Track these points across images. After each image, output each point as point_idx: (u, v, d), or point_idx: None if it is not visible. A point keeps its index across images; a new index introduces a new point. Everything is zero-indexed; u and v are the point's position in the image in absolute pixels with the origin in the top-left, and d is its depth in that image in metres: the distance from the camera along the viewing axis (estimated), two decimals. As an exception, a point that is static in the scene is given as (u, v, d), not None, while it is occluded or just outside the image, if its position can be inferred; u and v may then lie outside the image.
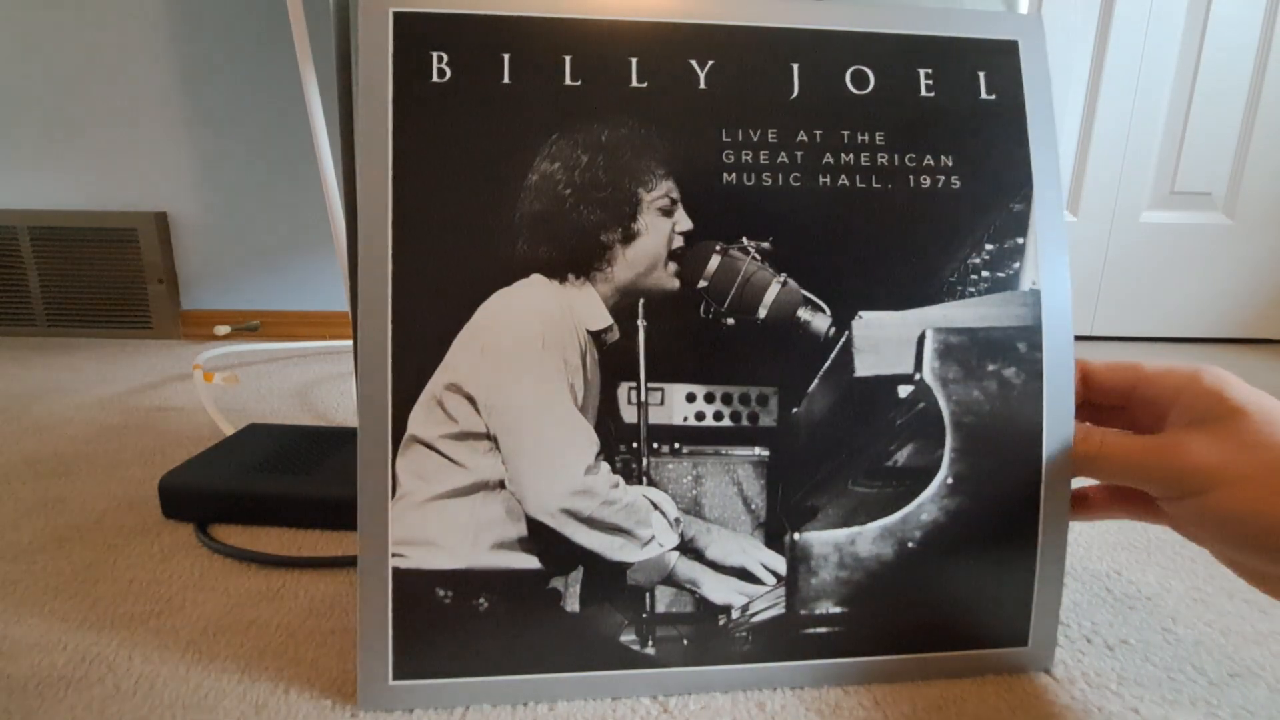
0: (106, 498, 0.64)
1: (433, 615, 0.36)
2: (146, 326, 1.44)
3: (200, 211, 1.43)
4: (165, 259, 1.42)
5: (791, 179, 0.37)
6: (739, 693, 0.38)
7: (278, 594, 0.48)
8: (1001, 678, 0.39)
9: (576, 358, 0.36)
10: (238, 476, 0.60)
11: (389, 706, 0.36)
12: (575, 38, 0.36)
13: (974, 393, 0.37)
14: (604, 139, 0.36)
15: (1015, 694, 0.37)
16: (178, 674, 0.39)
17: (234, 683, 0.39)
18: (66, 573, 0.51)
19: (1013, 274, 0.37)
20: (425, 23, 0.36)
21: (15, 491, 0.66)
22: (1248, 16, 1.29)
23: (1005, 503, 0.38)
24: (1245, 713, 0.37)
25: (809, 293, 0.37)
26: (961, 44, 0.38)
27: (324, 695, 0.38)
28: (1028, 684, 0.38)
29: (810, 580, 0.37)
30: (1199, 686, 0.39)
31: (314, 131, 0.95)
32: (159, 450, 0.78)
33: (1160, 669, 0.40)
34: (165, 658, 0.41)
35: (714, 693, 0.37)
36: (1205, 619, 0.45)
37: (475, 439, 0.36)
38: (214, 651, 0.41)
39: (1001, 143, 0.38)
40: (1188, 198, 1.37)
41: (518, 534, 0.36)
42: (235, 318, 1.46)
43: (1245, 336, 1.43)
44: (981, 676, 0.39)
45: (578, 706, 0.37)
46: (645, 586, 0.37)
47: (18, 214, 1.40)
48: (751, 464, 0.37)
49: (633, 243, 0.36)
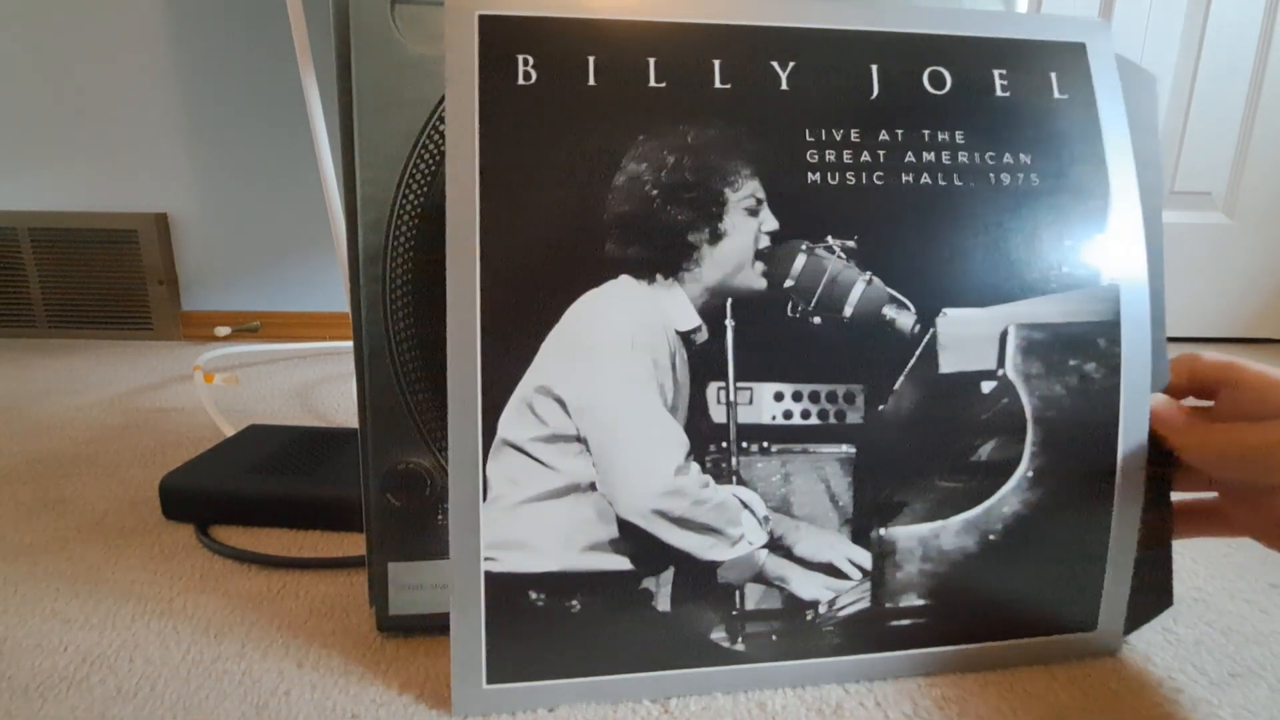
0: (107, 499, 0.64)
1: (525, 618, 0.36)
2: (147, 327, 1.43)
3: (200, 212, 1.42)
4: (165, 260, 1.41)
5: (875, 178, 0.37)
6: (739, 693, 0.38)
7: (278, 595, 0.48)
8: (1003, 677, 0.39)
9: (666, 358, 0.36)
10: (238, 477, 0.60)
11: (484, 711, 0.36)
12: (658, 41, 0.36)
13: (1055, 388, 0.38)
14: (690, 140, 0.36)
15: (1016, 694, 0.38)
16: (179, 675, 0.39)
17: (235, 684, 0.39)
18: (67, 574, 0.51)
19: (1092, 270, 0.38)
20: (510, 25, 0.36)
21: (16, 493, 0.65)
22: (1247, 17, 1.31)
23: (1082, 495, 0.38)
24: (1246, 713, 0.37)
25: (894, 290, 0.37)
26: (1032, 46, 0.39)
27: (325, 696, 0.38)
28: (1029, 684, 0.39)
29: (895, 574, 0.38)
30: (1200, 686, 0.39)
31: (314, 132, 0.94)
32: (159, 451, 0.77)
33: (1161, 669, 0.41)
34: (166, 659, 0.41)
35: (716, 693, 0.38)
36: (1206, 619, 0.46)
37: (566, 441, 0.36)
38: (215, 653, 0.41)
39: (1076, 141, 0.38)
40: (1188, 198, 1.39)
41: (609, 535, 0.36)
42: (235, 319, 1.44)
43: (1245, 336, 1.45)
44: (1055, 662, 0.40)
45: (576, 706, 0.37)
46: (735, 584, 0.37)
47: (18, 215, 1.38)
48: (839, 461, 0.37)
49: (720, 243, 0.36)
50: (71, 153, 1.38)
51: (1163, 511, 0.40)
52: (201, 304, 1.46)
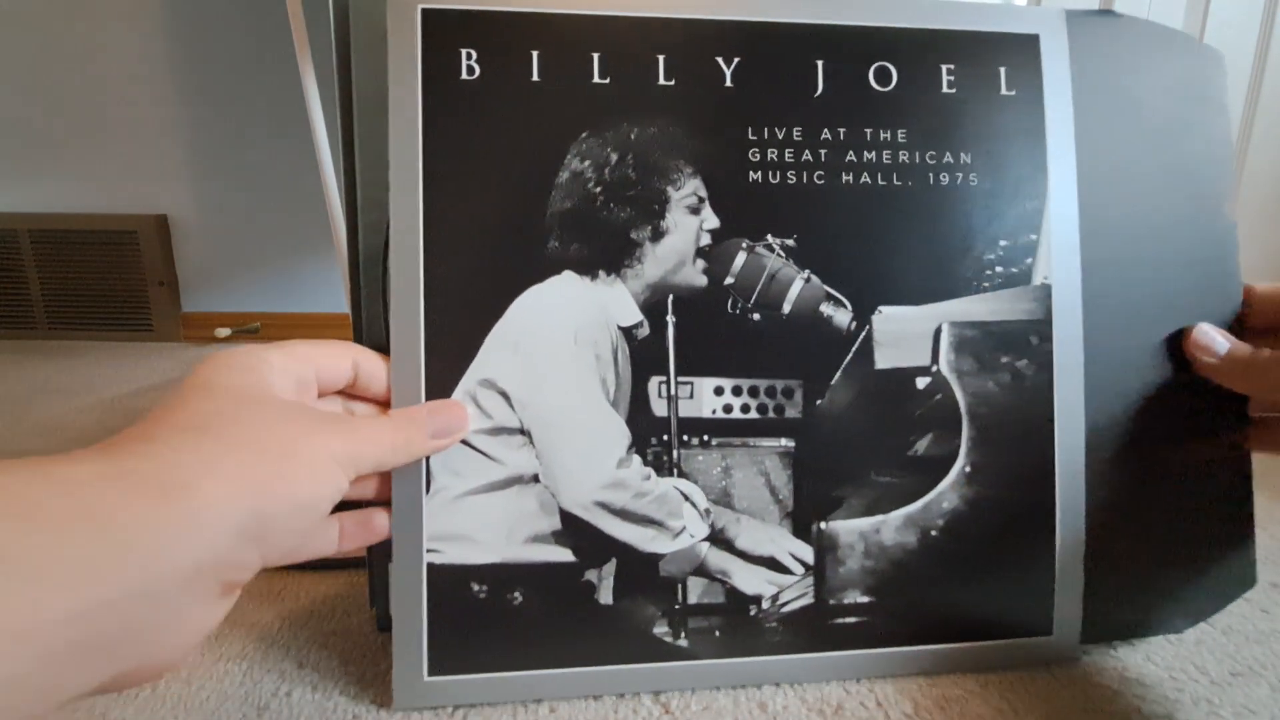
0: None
1: (467, 610, 0.36)
2: (147, 329, 1.44)
3: (200, 214, 1.43)
4: (165, 262, 1.43)
5: (815, 177, 0.38)
6: (740, 692, 0.38)
7: (279, 595, 0.48)
8: (1003, 677, 0.39)
9: (608, 353, 0.37)
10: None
11: (424, 703, 0.36)
12: (603, 35, 0.37)
13: (988, 384, 0.38)
14: (633, 137, 0.37)
15: (1017, 694, 0.38)
16: (179, 676, 0.40)
17: (236, 685, 0.39)
18: (67, 575, 0.51)
19: (1025, 269, 0.38)
20: (453, 19, 0.36)
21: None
22: (1246, 17, 1.30)
23: (1022, 491, 0.39)
24: (1247, 712, 0.37)
25: (831, 288, 0.37)
26: (984, 38, 0.39)
27: (326, 697, 0.38)
28: (1029, 683, 0.39)
29: (838, 569, 0.38)
30: (1201, 686, 0.39)
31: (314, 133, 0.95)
32: (163, 452, 0.77)
33: (1162, 668, 0.40)
34: None
35: (715, 691, 0.38)
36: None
37: (509, 434, 0.36)
38: (216, 653, 0.42)
39: (1019, 139, 0.39)
40: (1185, 196, 1.38)
41: (551, 527, 0.37)
42: (236, 320, 1.46)
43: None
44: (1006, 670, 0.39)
45: (578, 706, 0.37)
46: (678, 577, 0.37)
47: (18, 217, 1.40)
48: (778, 455, 0.38)
49: (661, 240, 0.37)
50: (71, 155, 1.40)
51: (1241, 491, 0.41)
52: (202, 305, 1.48)
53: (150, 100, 1.37)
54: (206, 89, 1.37)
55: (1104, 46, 0.40)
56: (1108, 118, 0.40)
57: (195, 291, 1.47)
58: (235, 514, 0.26)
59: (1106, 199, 0.40)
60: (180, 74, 1.37)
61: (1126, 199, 0.40)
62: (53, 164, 1.40)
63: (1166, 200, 0.40)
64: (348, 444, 0.31)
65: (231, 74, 1.37)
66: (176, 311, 1.45)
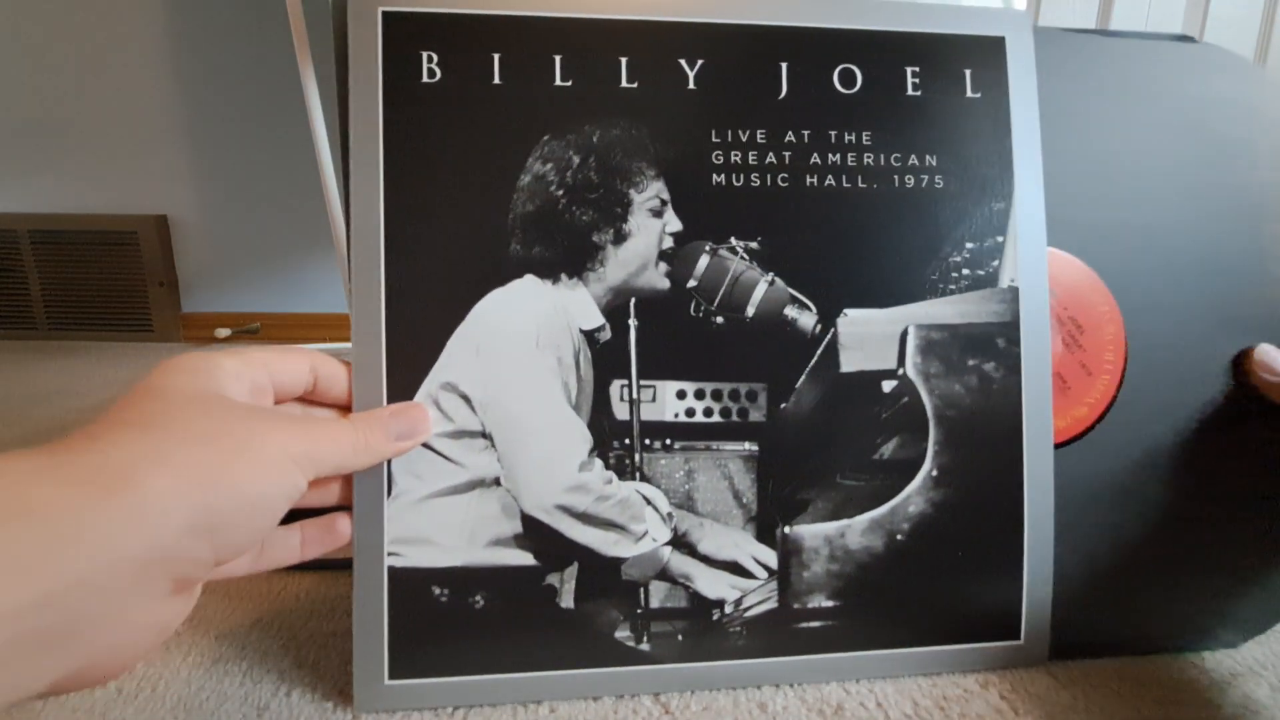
0: (108, 499, 0.64)
1: (429, 614, 0.36)
2: (147, 329, 1.45)
3: (200, 214, 1.44)
4: (165, 262, 1.43)
5: (780, 180, 0.37)
6: (740, 693, 0.38)
7: (279, 596, 0.48)
8: (1004, 678, 0.39)
9: (570, 356, 0.37)
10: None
11: (385, 707, 0.36)
12: (565, 37, 0.37)
13: (955, 387, 0.38)
14: (595, 140, 0.37)
15: (1018, 694, 0.38)
16: (179, 677, 0.40)
17: (236, 685, 0.39)
18: (68, 574, 0.51)
19: (992, 271, 0.38)
20: (415, 23, 0.36)
21: (17, 494, 0.66)
22: (1246, 17, 1.29)
23: (990, 495, 0.38)
24: (1248, 712, 0.37)
25: (796, 291, 0.37)
26: (949, 40, 0.39)
27: (326, 698, 0.38)
28: (1030, 684, 0.39)
29: (802, 574, 0.38)
30: (1201, 686, 0.39)
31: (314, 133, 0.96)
32: (160, 452, 0.78)
33: (1163, 669, 0.40)
34: (167, 660, 0.41)
35: (715, 692, 0.38)
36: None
37: (471, 437, 0.36)
38: (216, 654, 0.42)
39: (985, 141, 0.38)
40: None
41: (513, 531, 0.37)
42: (236, 320, 1.47)
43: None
44: (977, 672, 0.39)
45: (579, 707, 0.37)
46: (640, 581, 0.37)
47: (18, 218, 1.41)
48: (742, 458, 0.38)
49: (624, 243, 0.37)
50: (71, 155, 1.41)
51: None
52: (202, 306, 1.49)
53: (150, 100, 1.38)
54: (206, 89, 1.38)
55: (1183, 72, 0.41)
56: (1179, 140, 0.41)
57: (195, 292, 1.48)
58: (182, 507, 0.26)
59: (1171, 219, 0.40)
60: (180, 74, 1.37)
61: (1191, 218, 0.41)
62: (53, 164, 1.41)
63: (1228, 221, 0.41)
64: (304, 443, 0.31)
65: (231, 74, 1.37)
66: (176, 312, 1.46)
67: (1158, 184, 0.40)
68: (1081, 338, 0.40)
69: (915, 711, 0.37)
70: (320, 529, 0.36)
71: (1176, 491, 0.40)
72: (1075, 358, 0.40)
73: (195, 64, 1.37)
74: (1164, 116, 0.41)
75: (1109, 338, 0.40)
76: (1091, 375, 0.40)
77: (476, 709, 0.37)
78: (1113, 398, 0.40)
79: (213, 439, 0.28)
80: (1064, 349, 0.40)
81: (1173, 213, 0.40)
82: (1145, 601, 0.40)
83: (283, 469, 0.30)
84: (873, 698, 0.38)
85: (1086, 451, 0.40)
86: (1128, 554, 0.40)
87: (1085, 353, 0.40)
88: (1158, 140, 0.40)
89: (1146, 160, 0.40)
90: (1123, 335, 0.40)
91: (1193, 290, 0.40)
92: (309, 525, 0.36)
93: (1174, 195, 0.40)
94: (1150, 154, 0.40)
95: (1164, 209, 0.40)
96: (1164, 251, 0.40)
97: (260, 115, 1.39)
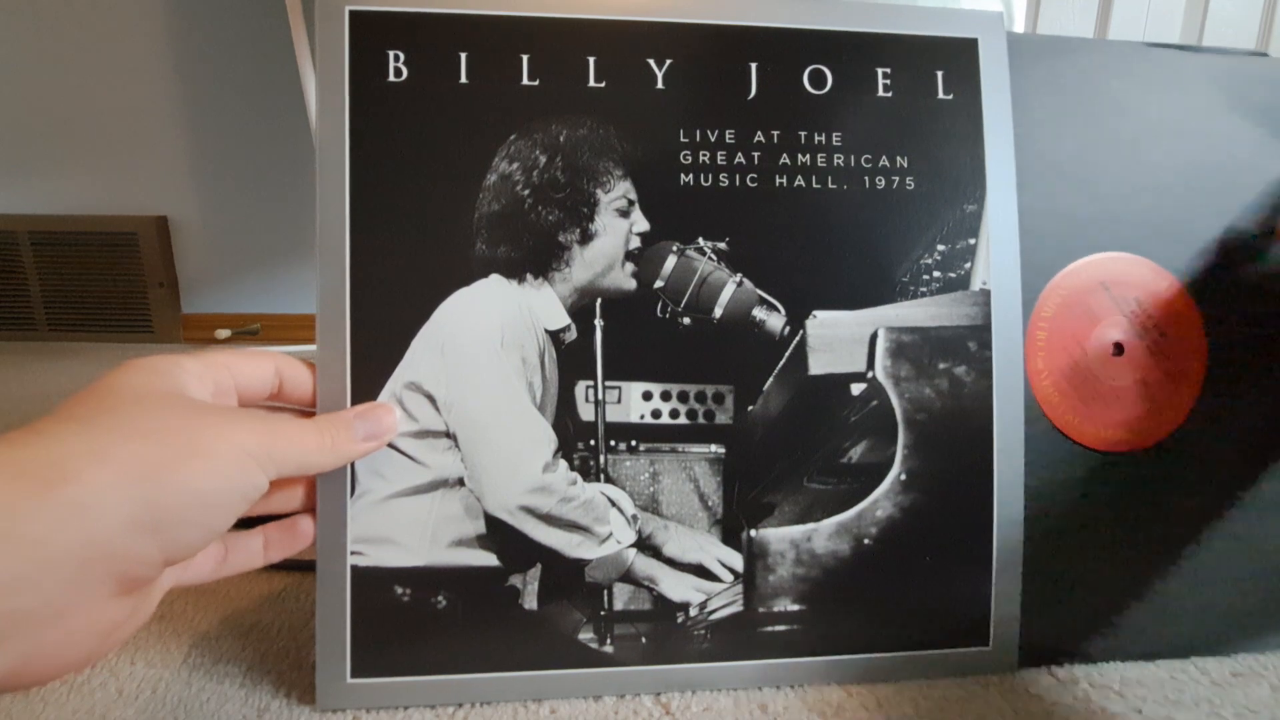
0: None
1: (391, 613, 0.36)
2: (147, 330, 1.46)
3: (200, 215, 1.44)
4: (166, 263, 1.44)
5: (749, 180, 0.37)
6: (741, 693, 0.38)
7: (280, 597, 0.48)
8: (1004, 679, 0.39)
9: (535, 356, 0.36)
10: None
11: (347, 705, 0.36)
12: (532, 36, 0.37)
13: (925, 391, 0.37)
14: (562, 139, 0.36)
15: (1018, 694, 0.37)
16: (180, 678, 0.39)
17: (237, 686, 0.39)
18: (68, 576, 0.51)
19: (964, 274, 0.38)
20: (382, 21, 0.36)
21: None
22: (1246, 18, 1.29)
23: (959, 500, 0.38)
24: (1248, 712, 0.37)
25: (764, 292, 0.37)
26: (921, 42, 0.39)
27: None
28: (1030, 684, 0.38)
29: (768, 577, 0.37)
30: (1202, 686, 0.39)
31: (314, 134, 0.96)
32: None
33: (1163, 669, 0.40)
34: (168, 662, 0.41)
35: (716, 693, 0.38)
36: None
37: (435, 437, 0.36)
38: (217, 655, 0.41)
39: (956, 143, 0.38)
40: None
41: (476, 531, 0.36)
42: (236, 321, 1.47)
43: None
44: (949, 677, 0.39)
45: (579, 707, 0.37)
46: (603, 584, 0.37)
47: (18, 219, 1.42)
48: (708, 461, 0.37)
49: (590, 243, 0.37)
50: (71, 156, 1.41)
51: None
52: (202, 307, 1.49)
53: (150, 101, 1.39)
54: (206, 90, 1.39)
55: (1260, 85, 0.42)
56: (1258, 150, 0.42)
57: (195, 293, 1.48)
58: (124, 503, 0.26)
59: (1248, 226, 0.41)
60: (180, 75, 1.38)
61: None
62: (53, 164, 1.42)
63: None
64: (264, 441, 0.30)
65: (231, 74, 1.38)
66: (176, 313, 1.47)
67: (1238, 192, 0.41)
68: (1165, 345, 0.40)
69: (915, 712, 0.36)
70: (283, 531, 0.36)
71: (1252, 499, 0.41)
72: (1160, 366, 0.40)
73: (195, 64, 1.38)
74: (1242, 128, 0.41)
75: (1192, 345, 0.40)
76: (1176, 383, 0.40)
77: (480, 708, 0.37)
78: (1193, 406, 0.40)
79: (161, 435, 0.28)
80: (1149, 357, 0.40)
81: (1250, 220, 0.41)
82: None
83: (240, 466, 0.29)
84: (873, 698, 0.37)
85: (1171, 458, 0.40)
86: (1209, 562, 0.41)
87: (1170, 361, 0.40)
88: (1237, 150, 0.41)
89: (1227, 168, 0.41)
90: (1205, 344, 0.41)
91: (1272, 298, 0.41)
92: (271, 528, 0.36)
93: (1252, 202, 0.41)
94: (1228, 163, 0.41)
95: (1242, 216, 0.41)
96: (1242, 258, 0.41)
97: (260, 116, 1.39)
